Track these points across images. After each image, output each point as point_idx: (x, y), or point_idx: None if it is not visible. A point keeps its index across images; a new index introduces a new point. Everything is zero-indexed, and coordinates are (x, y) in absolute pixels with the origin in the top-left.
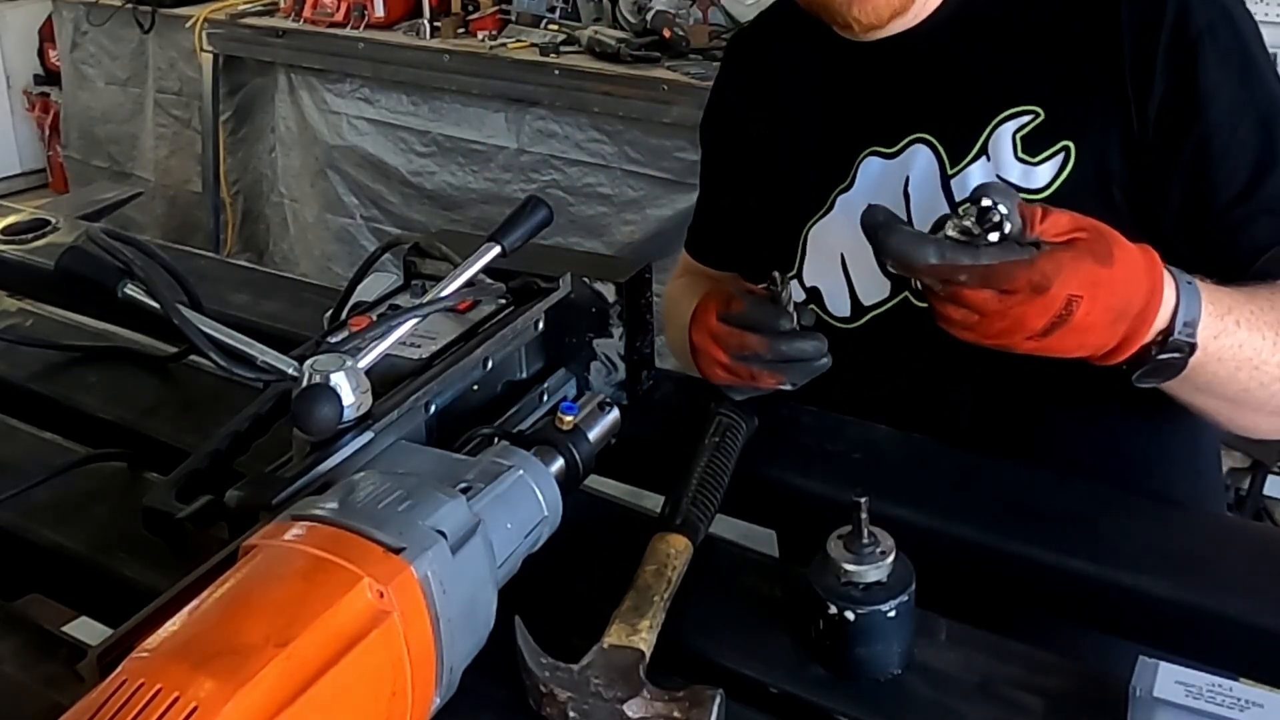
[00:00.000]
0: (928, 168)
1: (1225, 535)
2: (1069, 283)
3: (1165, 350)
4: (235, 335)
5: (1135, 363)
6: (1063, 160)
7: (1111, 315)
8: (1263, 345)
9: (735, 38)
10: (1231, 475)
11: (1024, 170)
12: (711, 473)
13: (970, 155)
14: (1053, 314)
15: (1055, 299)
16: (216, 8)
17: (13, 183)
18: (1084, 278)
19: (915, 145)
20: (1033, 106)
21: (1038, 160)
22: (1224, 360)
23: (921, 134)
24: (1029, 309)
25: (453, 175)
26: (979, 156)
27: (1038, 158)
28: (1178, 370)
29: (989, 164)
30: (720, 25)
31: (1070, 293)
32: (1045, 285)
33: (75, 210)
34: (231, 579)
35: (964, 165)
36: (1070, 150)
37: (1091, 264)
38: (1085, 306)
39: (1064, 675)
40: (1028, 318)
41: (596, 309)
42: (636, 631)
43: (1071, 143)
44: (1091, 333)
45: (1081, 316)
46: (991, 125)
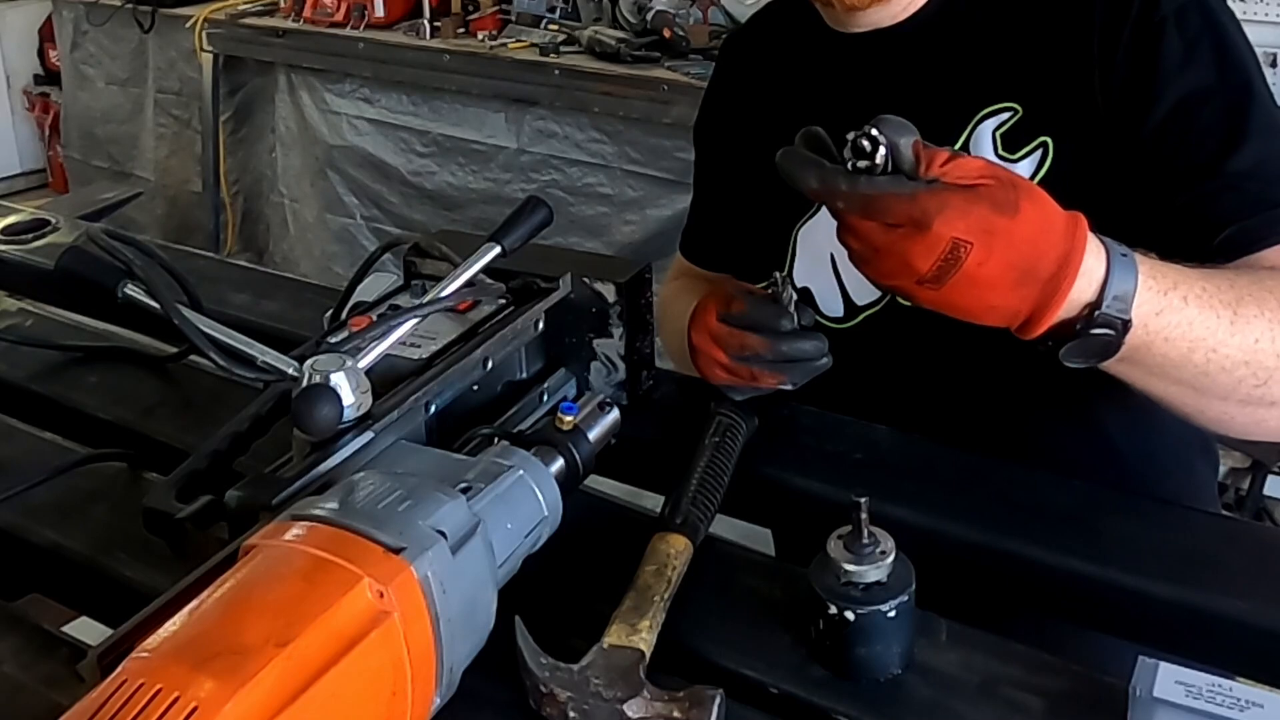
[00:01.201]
0: None
1: (1225, 535)
2: (953, 223)
3: (1093, 325)
4: (235, 335)
5: (1062, 338)
6: (1041, 156)
7: (1015, 273)
8: (1217, 325)
9: (729, 40)
10: (1231, 475)
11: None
12: (711, 473)
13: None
14: (937, 255)
15: (938, 238)
16: (216, 8)
17: (13, 183)
18: (974, 222)
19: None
20: (1011, 103)
21: (1017, 157)
22: (1172, 340)
23: None
24: (912, 246)
25: (453, 175)
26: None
27: (1017, 154)
28: (1111, 349)
29: None
30: (720, 25)
31: (956, 235)
32: (925, 221)
33: (75, 210)
34: (231, 579)
35: None
36: (1048, 146)
37: (987, 210)
38: (977, 255)
39: (1064, 675)
40: (912, 256)
41: (596, 309)
42: (636, 631)
43: (1050, 138)
44: (993, 290)
45: (974, 266)
46: (973, 123)
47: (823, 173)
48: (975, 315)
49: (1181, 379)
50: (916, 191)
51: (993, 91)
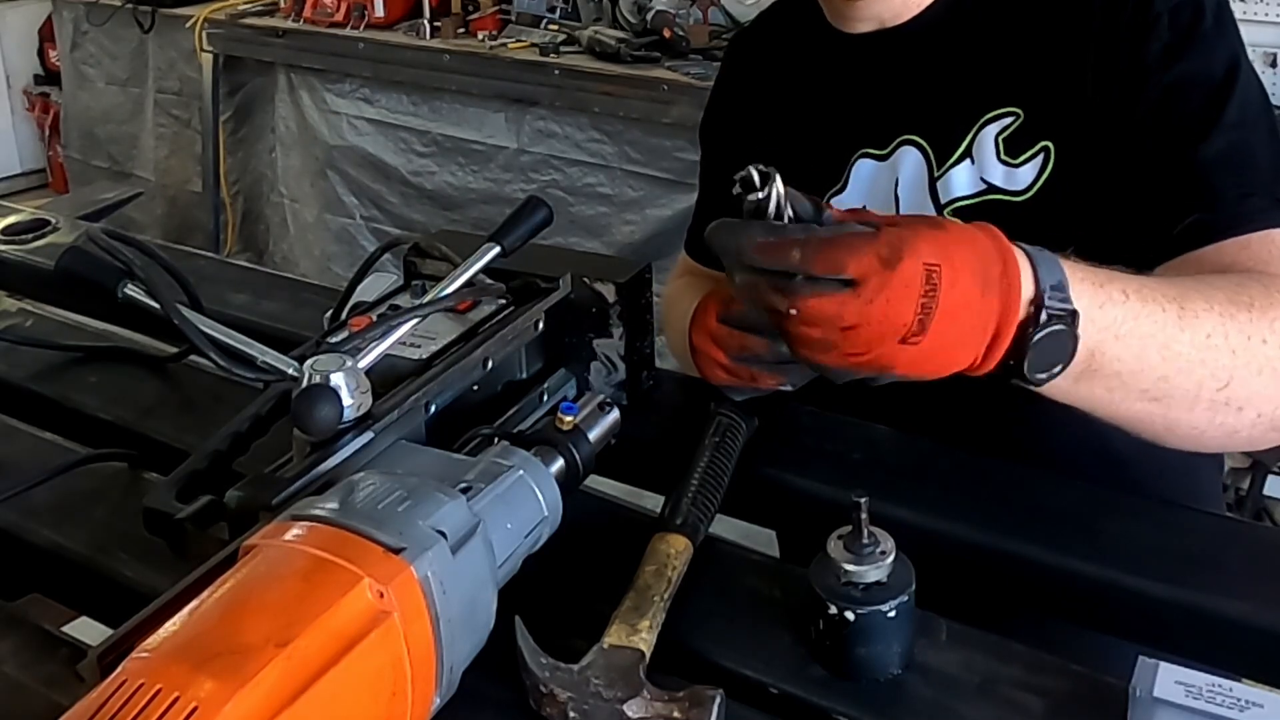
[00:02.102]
0: (916, 169)
1: (1225, 535)
2: (919, 249)
3: (1044, 327)
4: (235, 335)
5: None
6: (1043, 161)
7: (979, 283)
8: (1165, 319)
9: (736, 38)
10: (1232, 475)
11: (1006, 172)
12: (711, 473)
13: (955, 157)
14: (917, 294)
15: (913, 274)
16: (216, 8)
17: (13, 183)
18: (930, 242)
19: (905, 146)
20: (1013, 108)
21: (1019, 161)
22: (1123, 338)
23: (910, 135)
24: (890, 295)
25: (453, 175)
26: (963, 158)
27: (1019, 159)
28: (1068, 348)
29: (973, 166)
30: (720, 25)
31: (926, 261)
32: (897, 256)
33: (75, 210)
34: (231, 579)
35: (949, 167)
36: (1050, 150)
37: (927, 229)
38: (948, 276)
39: (1064, 675)
40: (894, 306)
41: (596, 309)
42: (636, 631)
43: (1051, 143)
44: (967, 312)
45: (948, 290)
46: (976, 127)
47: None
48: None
49: (1144, 389)
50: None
51: (996, 95)
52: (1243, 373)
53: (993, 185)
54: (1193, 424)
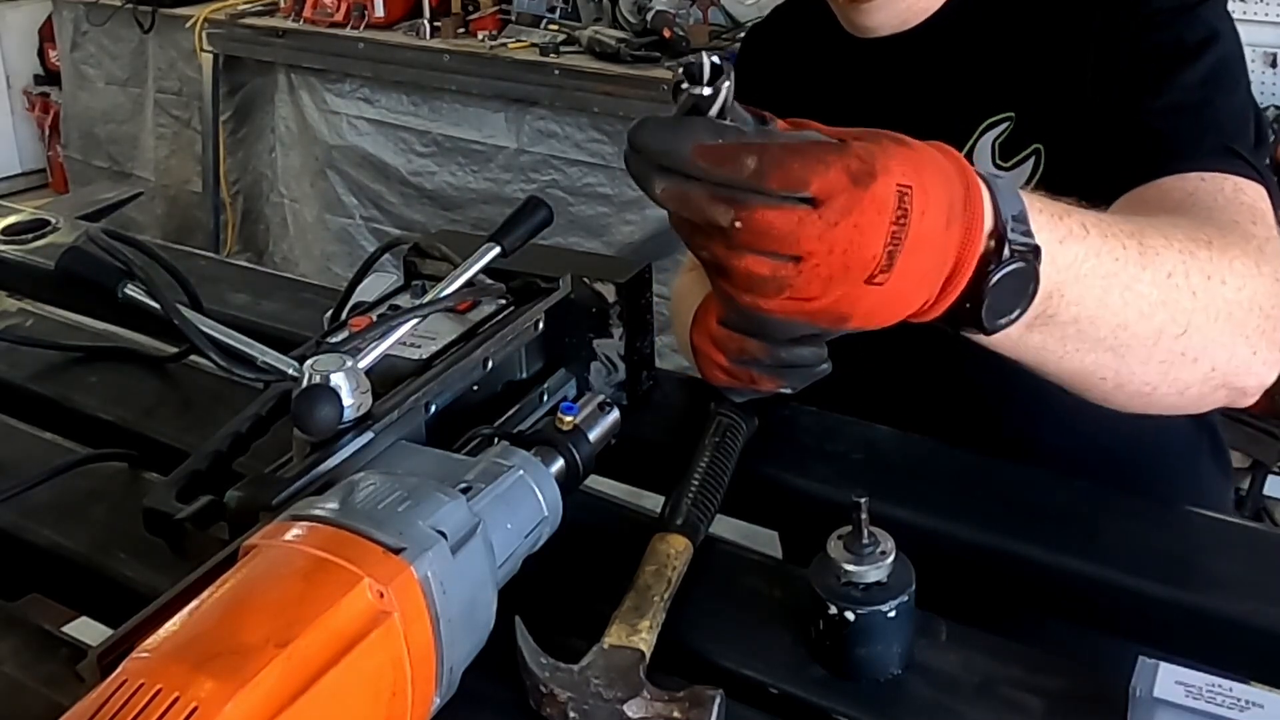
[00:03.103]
0: None
1: (1225, 535)
2: (891, 167)
3: (1004, 263)
4: (235, 335)
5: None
6: (1034, 164)
7: (945, 211)
8: (1125, 256)
9: (750, 33)
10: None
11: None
12: (712, 473)
13: None
14: (888, 220)
15: (885, 195)
16: (216, 8)
17: (13, 183)
18: (903, 160)
19: None
20: (1007, 112)
21: (1011, 165)
22: (1083, 278)
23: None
24: (859, 220)
25: (453, 175)
26: None
27: (1010, 163)
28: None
29: None
30: (720, 25)
31: (899, 182)
32: (868, 173)
33: (75, 210)
34: (231, 579)
35: None
36: (1040, 153)
37: (893, 144)
38: (919, 201)
39: (1064, 675)
40: (861, 235)
41: (596, 309)
42: (637, 632)
43: (1041, 145)
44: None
45: (918, 219)
46: (976, 133)
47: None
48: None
49: (1101, 337)
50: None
51: (993, 101)
52: (1200, 317)
53: None
54: (1145, 379)
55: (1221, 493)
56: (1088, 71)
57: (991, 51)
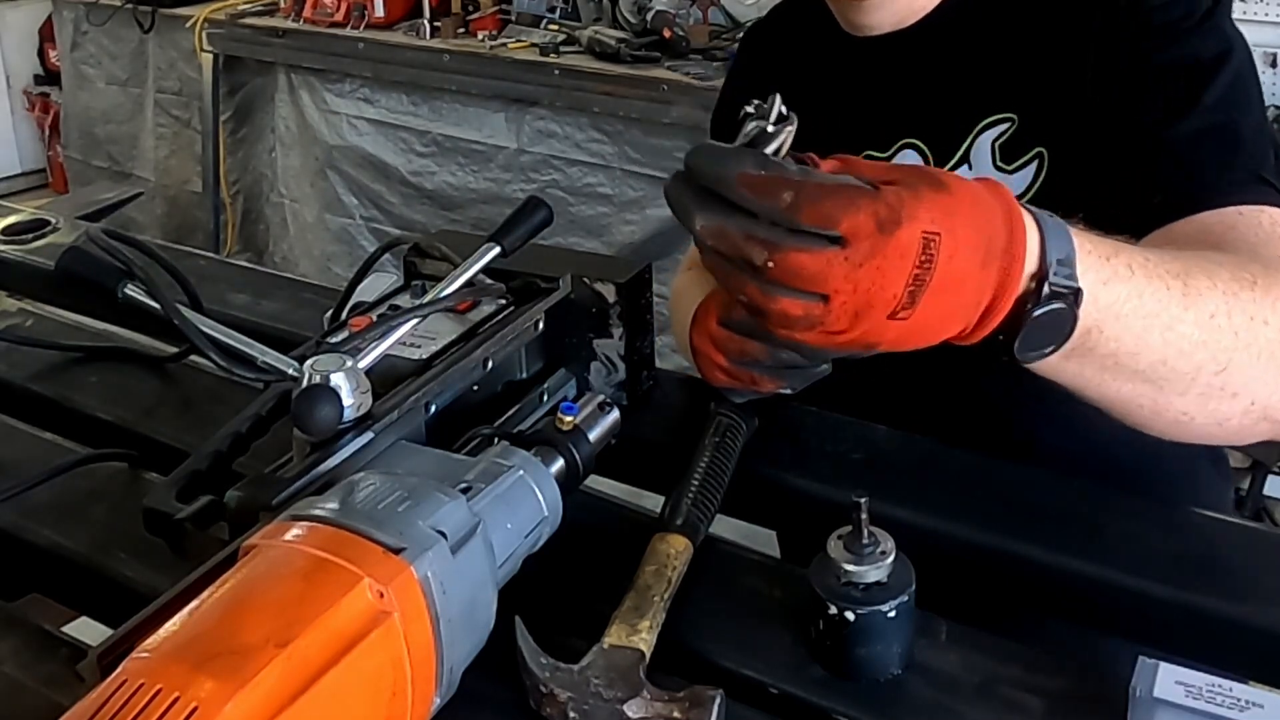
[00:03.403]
0: None
1: (1225, 535)
2: (919, 214)
3: (1043, 303)
4: (235, 335)
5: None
6: (1037, 167)
7: (978, 256)
8: (1168, 297)
9: (750, 31)
10: (1232, 475)
11: (1001, 178)
12: (712, 473)
13: (953, 162)
14: (911, 265)
15: (909, 242)
16: (216, 8)
17: (13, 183)
18: (932, 208)
19: (905, 149)
20: (1009, 113)
21: (1013, 168)
22: (1124, 317)
23: (911, 138)
24: (882, 264)
25: (453, 175)
26: (961, 164)
27: (1013, 165)
28: (1066, 328)
29: (970, 171)
30: (720, 25)
31: (925, 229)
32: (895, 219)
33: (75, 210)
34: (231, 579)
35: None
36: (1044, 156)
37: (931, 192)
38: (946, 248)
39: (1064, 675)
40: (884, 276)
41: (596, 309)
42: (636, 632)
43: (1044, 149)
44: (962, 288)
45: (945, 264)
46: (974, 132)
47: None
48: (937, 331)
49: (1139, 370)
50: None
51: (994, 101)
52: (1242, 356)
53: None
54: (1184, 409)
55: (1220, 494)
56: (1088, 73)
57: (990, 51)
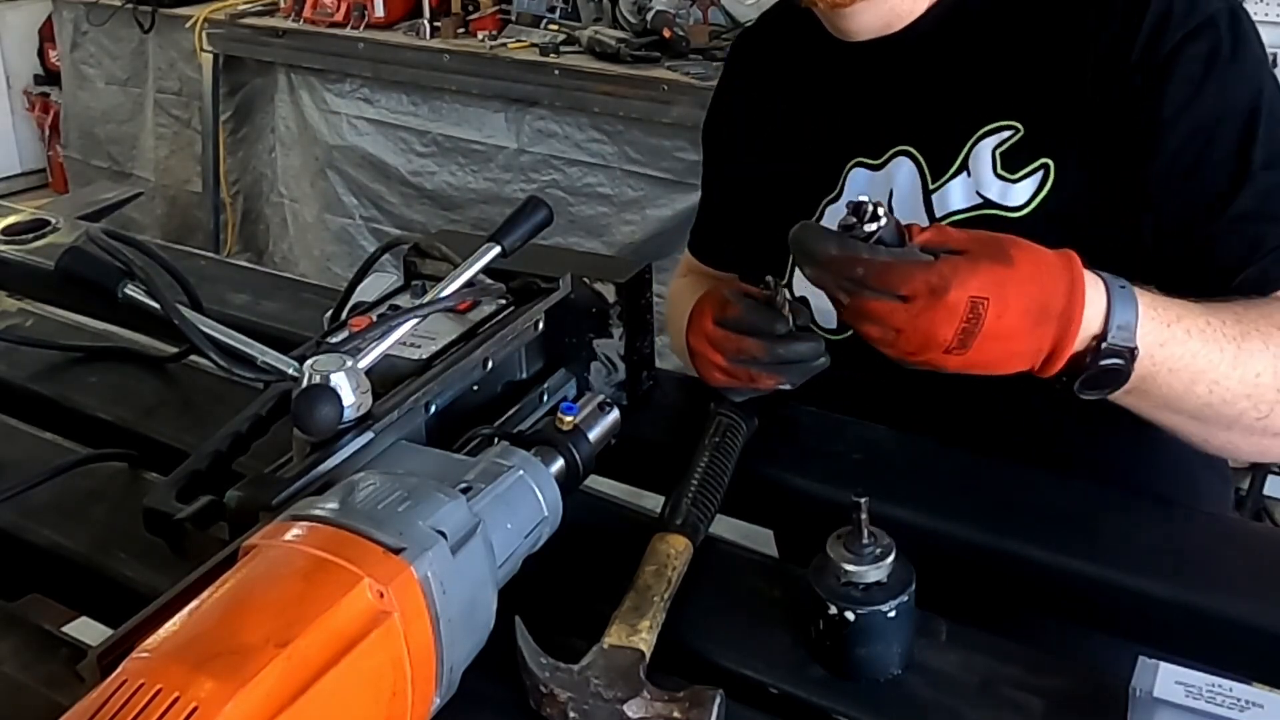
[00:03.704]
0: (910, 181)
1: (1225, 535)
2: (968, 284)
3: (1102, 357)
4: (235, 336)
5: (1075, 372)
6: (1042, 178)
7: (1030, 318)
8: (1220, 359)
9: (740, 38)
10: (1232, 475)
11: (1003, 187)
12: (711, 473)
13: (951, 170)
14: (959, 320)
15: (957, 303)
16: (216, 8)
17: (13, 183)
18: (985, 278)
19: (899, 157)
20: (1013, 122)
21: (1017, 177)
22: (1176, 371)
23: (905, 146)
24: (934, 316)
25: (452, 175)
26: (959, 172)
27: (1016, 175)
28: (1122, 379)
29: (969, 179)
30: (720, 25)
31: (972, 295)
32: (943, 286)
33: (75, 210)
34: (231, 579)
35: (945, 180)
36: (1049, 168)
37: (989, 264)
38: (994, 309)
39: (1064, 675)
40: (935, 326)
41: (596, 309)
42: (636, 632)
43: (1051, 160)
44: (1015, 339)
45: (993, 321)
46: (972, 140)
47: (843, 241)
48: (1002, 367)
49: (1184, 409)
50: (932, 261)
51: (995, 108)
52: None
53: (988, 200)
54: (1229, 440)
55: (1220, 495)
56: (1088, 90)
57: (987, 57)
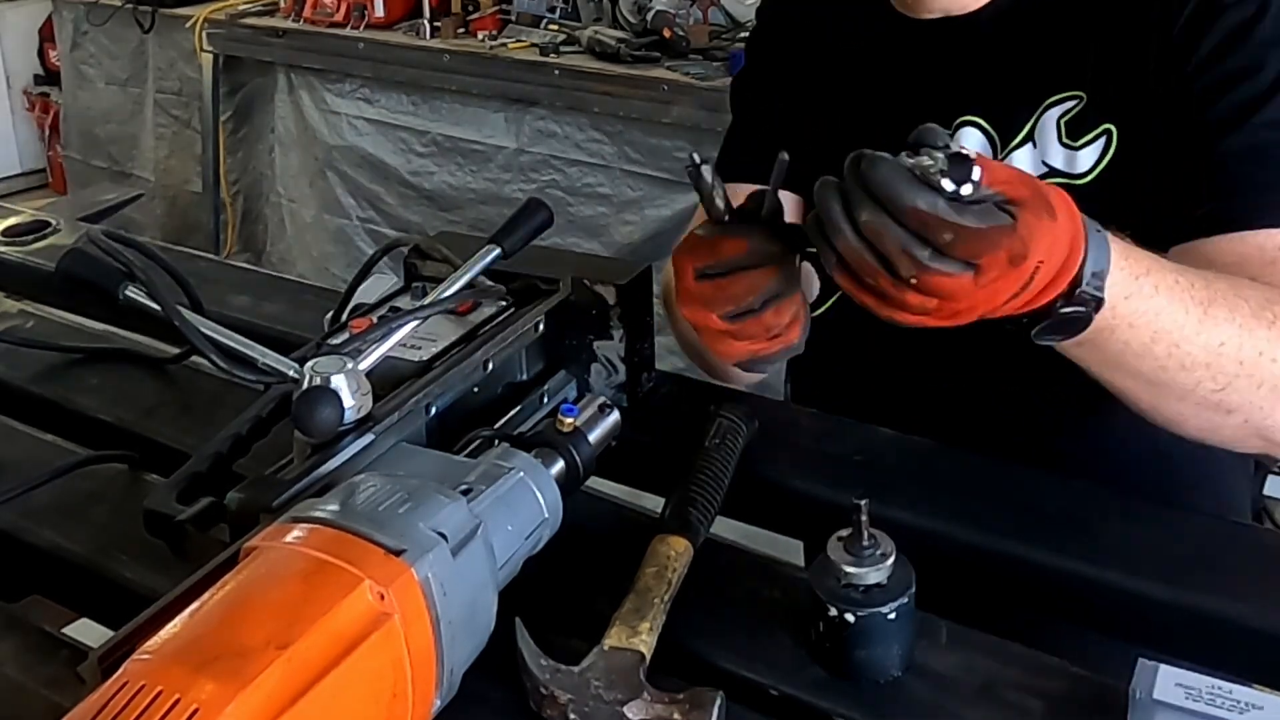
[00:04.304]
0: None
1: (1225, 537)
2: (1039, 248)
3: (1070, 303)
4: (236, 337)
5: (1035, 317)
6: (1105, 144)
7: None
8: (1185, 320)
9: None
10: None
11: (1067, 155)
12: (712, 475)
13: (1018, 140)
14: (1021, 285)
15: (1028, 269)
16: (216, 8)
17: (13, 183)
18: (1046, 239)
19: (966, 127)
20: (1076, 91)
21: (1080, 144)
22: (1136, 327)
23: (973, 116)
24: (1002, 284)
25: (452, 175)
26: (1025, 142)
27: (1079, 141)
28: (1081, 326)
29: (1035, 150)
30: (720, 25)
31: (1039, 260)
32: (1024, 253)
33: (76, 212)
34: (232, 581)
35: (1011, 150)
36: (1112, 133)
37: (1048, 221)
38: (1043, 272)
39: (1064, 677)
40: (998, 293)
41: (597, 311)
42: (637, 633)
43: (1113, 126)
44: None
45: (1036, 282)
46: (1040, 110)
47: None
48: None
49: (1139, 371)
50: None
51: (1059, 79)
52: (1243, 382)
53: (1054, 169)
54: (1179, 411)
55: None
56: (1152, 49)
57: (1055, 32)
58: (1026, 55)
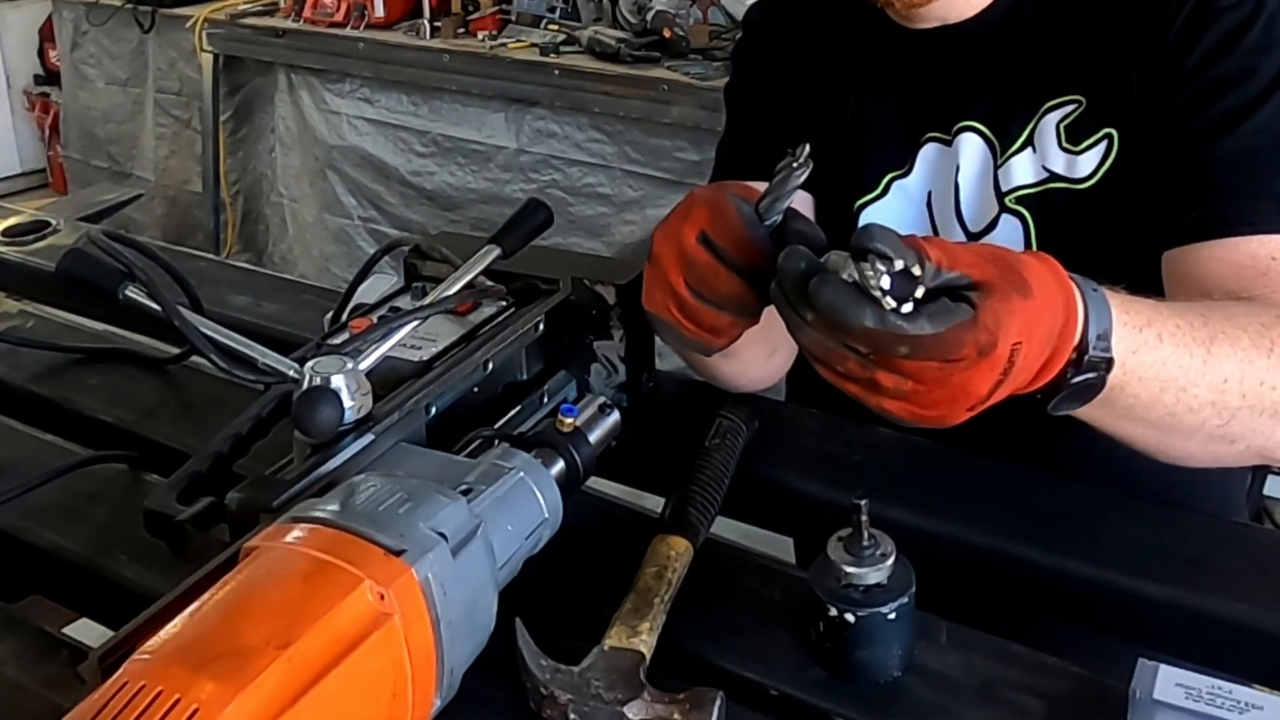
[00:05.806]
0: (978, 157)
1: (1225, 537)
2: (1010, 332)
3: (1082, 371)
4: (236, 337)
5: (1050, 390)
6: (1106, 148)
7: (1045, 347)
8: (1190, 364)
9: (758, 9)
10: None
11: (1068, 160)
12: (712, 475)
13: (1016, 145)
14: (999, 372)
15: (1002, 355)
16: (216, 8)
17: (13, 183)
18: (1019, 320)
19: (966, 134)
20: (1075, 94)
21: (1080, 149)
22: (1145, 380)
23: (972, 123)
24: (975, 374)
25: (452, 175)
26: (1025, 146)
27: (1080, 146)
28: (1096, 391)
29: (1035, 154)
30: (720, 25)
31: (1014, 341)
32: (991, 343)
33: (76, 212)
34: (232, 581)
35: (1010, 155)
36: (1113, 137)
37: (1019, 300)
38: (1026, 352)
39: (1064, 677)
40: (973, 384)
41: (597, 311)
42: (637, 633)
43: (1114, 130)
44: (1024, 374)
45: (1021, 362)
46: (1038, 115)
47: (880, 314)
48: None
49: (1149, 420)
50: (976, 316)
51: (1057, 83)
52: (1246, 414)
53: (1054, 173)
54: (1185, 449)
55: (1220, 496)
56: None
57: (1053, 38)
58: (1024, 59)
